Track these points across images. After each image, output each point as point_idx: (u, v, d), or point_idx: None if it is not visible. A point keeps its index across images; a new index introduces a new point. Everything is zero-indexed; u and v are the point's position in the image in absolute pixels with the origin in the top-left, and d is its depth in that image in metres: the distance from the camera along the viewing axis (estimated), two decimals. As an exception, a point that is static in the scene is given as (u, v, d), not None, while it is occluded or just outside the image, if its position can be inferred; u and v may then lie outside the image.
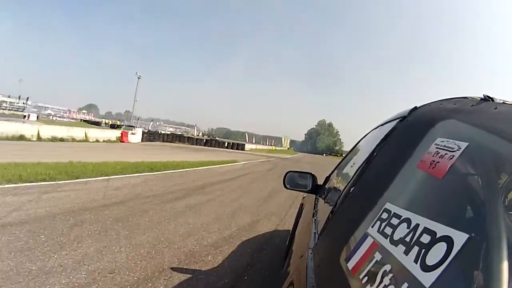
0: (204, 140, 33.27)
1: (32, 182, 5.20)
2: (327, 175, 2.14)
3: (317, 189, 1.97)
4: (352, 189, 0.98)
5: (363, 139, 1.76)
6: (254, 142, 53.52)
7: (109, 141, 18.31)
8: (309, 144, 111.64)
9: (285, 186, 2.06)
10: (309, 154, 67.63)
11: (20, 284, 2.17)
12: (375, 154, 0.98)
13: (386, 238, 0.57)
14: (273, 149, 52.20)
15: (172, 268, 2.80)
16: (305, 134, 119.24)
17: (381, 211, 0.64)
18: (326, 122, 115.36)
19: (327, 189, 1.76)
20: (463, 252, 0.41)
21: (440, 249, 0.44)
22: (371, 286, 0.52)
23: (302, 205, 2.70)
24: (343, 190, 1.09)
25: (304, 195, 2.64)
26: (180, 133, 39.91)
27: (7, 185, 4.82)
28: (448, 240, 0.44)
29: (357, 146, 1.83)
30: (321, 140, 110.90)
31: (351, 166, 1.41)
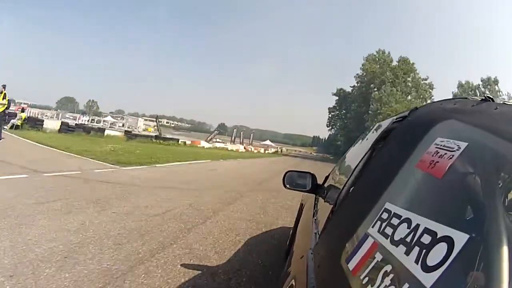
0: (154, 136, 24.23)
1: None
2: (327, 175, 2.14)
3: (317, 189, 1.97)
4: (352, 188, 0.98)
5: (363, 138, 1.76)
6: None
7: None
8: (338, 128, 51.24)
9: (284, 186, 2.06)
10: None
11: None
12: (374, 153, 0.98)
13: (387, 239, 0.57)
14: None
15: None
16: (329, 111, 53.15)
17: (381, 211, 0.64)
18: (390, 56, 44.17)
19: (327, 188, 1.76)
20: (464, 252, 0.41)
21: (440, 249, 0.44)
22: (371, 286, 0.52)
23: (302, 205, 2.70)
24: (343, 190, 1.09)
25: (304, 195, 2.64)
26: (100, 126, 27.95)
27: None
28: (449, 241, 0.44)
29: (356, 145, 1.83)
30: (383, 101, 37.40)
31: (351, 166, 1.41)
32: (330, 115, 54.57)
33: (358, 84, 46.94)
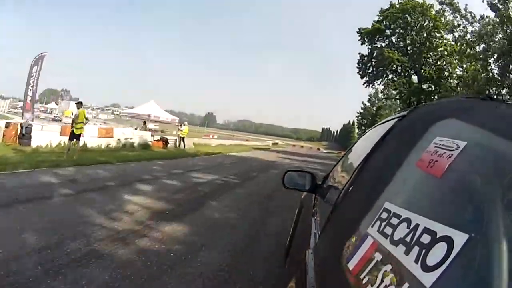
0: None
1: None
2: (326, 174, 2.13)
3: (316, 189, 1.97)
4: (351, 188, 0.98)
5: (362, 137, 1.76)
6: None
7: None
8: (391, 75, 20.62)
9: (284, 186, 2.06)
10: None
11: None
12: (374, 153, 0.98)
13: (386, 238, 0.56)
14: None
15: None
16: (362, 35, 21.43)
17: (381, 210, 0.64)
18: None
19: (326, 188, 1.76)
20: (464, 252, 0.41)
21: (440, 249, 0.44)
22: (371, 286, 0.52)
23: (301, 204, 2.70)
24: (342, 189, 1.08)
25: (304, 194, 2.64)
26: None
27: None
28: (449, 240, 0.43)
29: (356, 144, 1.83)
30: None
31: (350, 165, 1.41)
32: (367, 51, 23.29)
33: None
